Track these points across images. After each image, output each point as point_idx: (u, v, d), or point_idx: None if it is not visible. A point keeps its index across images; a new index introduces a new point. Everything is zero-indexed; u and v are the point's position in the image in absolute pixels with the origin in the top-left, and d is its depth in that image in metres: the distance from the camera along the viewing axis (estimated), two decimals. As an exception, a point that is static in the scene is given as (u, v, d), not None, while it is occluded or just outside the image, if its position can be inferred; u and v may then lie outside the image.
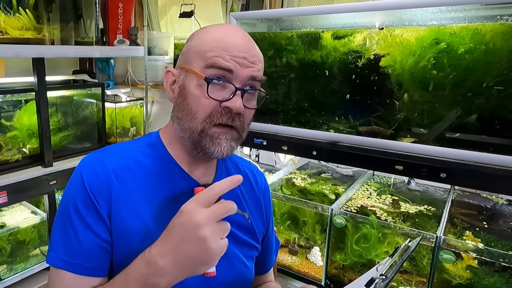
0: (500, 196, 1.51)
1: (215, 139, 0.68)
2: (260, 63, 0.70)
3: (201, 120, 0.67)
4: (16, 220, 1.78)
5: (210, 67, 0.66)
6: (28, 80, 1.72)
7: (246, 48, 0.68)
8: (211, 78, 0.66)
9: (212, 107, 0.67)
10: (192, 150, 0.71)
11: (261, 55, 0.72)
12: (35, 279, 1.78)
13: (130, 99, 2.38)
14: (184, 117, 0.69)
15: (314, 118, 1.35)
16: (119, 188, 0.69)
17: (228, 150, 0.69)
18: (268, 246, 0.93)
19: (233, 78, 0.66)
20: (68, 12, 1.75)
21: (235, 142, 0.71)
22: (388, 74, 1.15)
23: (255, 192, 0.88)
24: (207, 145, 0.68)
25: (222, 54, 0.66)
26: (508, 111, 1.00)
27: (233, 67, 0.66)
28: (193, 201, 0.57)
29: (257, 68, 0.69)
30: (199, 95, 0.67)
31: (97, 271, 0.67)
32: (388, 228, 1.28)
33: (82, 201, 0.67)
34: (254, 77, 0.68)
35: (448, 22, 1.09)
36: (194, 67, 0.68)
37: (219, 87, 0.67)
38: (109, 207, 0.68)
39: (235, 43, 0.67)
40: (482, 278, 1.12)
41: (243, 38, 0.70)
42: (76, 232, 0.66)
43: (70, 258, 0.66)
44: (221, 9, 2.50)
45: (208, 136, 0.67)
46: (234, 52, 0.66)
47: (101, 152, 0.74)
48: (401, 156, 1.13)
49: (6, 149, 1.66)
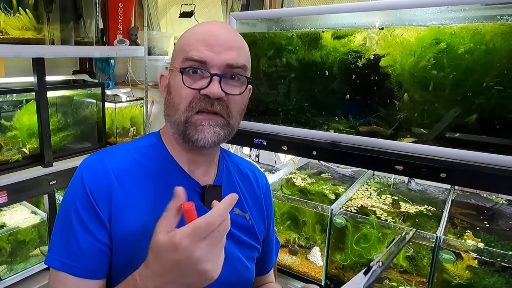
0: (500, 196, 1.50)
1: (198, 126, 0.68)
2: (239, 50, 0.70)
3: (183, 110, 0.68)
4: (16, 220, 1.78)
5: (186, 60, 0.68)
6: (28, 80, 1.72)
7: (221, 38, 0.68)
8: (185, 67, 0.67)
9: (192, 96, 0.68)
10: (183, 143, 0.72)
11: (241, 43, 0.72)
12: (35, 279, 1.78)
13: (130, 99, 2.38)
14: (171, 112, 0.71)
15: (314, 118, 1.35)
16: (120, 190, 0.69)
17: (213, 136, 0.68)
18: (268, 247, 0.93)
19: (210, 66, 0.67)
20: (68, 12, 1.75)
21: (220, 128, 0.69)
22: (388, 74, 1.15)
23: (256, 193, 0.88)
24: (191, 133, 0.68)
25: (197, 46, 0.67)
26: (508, 111, 1.00)
27: (206, 57, 0.66)
28: (189, 237, 0.51)
29: (234, 56, 0.68)
30: (179, 86, 0.68)
31: (95, 274, 0.67)
32: (388, 228, 1.28)
33: (82, 203, 0.67)
34: (231, 64, 0.68)
35: (448, 22, 1.09)
36: (176, 64, 0.71)
37: (197, 77, 0.68)
38: (109, 210, 0.68)
39: (210, 34, 0.68)
40: (482, 278, 1.12)
41: (220, 28, 0.70)
42: (76, 234, 0.66)
43: (68, 260, 0.66)
44: (221, 9, 2.50)
45: (192, 124, 0.68)
46: (209, 41, 0.67)
47: (102, 154, 0.74)
48: (401, 156, 1.13)
49: (6, 149, 1.66)
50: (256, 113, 1.47)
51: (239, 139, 1.49)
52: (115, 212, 0.68)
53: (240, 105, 0.72)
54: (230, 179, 0.83)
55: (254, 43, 1.43)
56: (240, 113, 0.73)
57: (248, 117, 1.47)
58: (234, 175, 0.85)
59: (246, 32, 1.48)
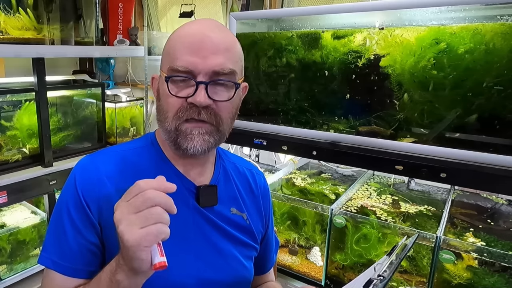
0: (500, 196, 1.50)
1: (188, 135, 0.67)
2: (227, 53, 0.67)
3: (171, 118, 0.68)
4: (16, 220, 1.78)
5: (171, 70, 0.66)
6: (28, 80, 1.72)
7: (208, 41, 0.66)
8: (170, 76, 0.66)
9: (179, 104, 0.67)
10: (175, 150, 0.71)
11: (230, 46, 0.68)
12: (35, 279, 1.78)
13: (130, 99, 2.38)
14: (161, 119, 0.70)
15: (314, 118, 1.35)
16: (113, 192, 0.69)
17: (202, 144, 0.68)
18: (268, 246, 0.93)
19: (196, 74, 0.66)
20: (68, 12, 1.75)
21: (209, 136, 0.68)
22: (388, 74, 1.15)
23: (253, 192, 0.88)
24: (181, 142, 0.68)
25: (182, 53, 0.66)
26: (508, 111, 1.00)
27: (191, 65, 0.65)
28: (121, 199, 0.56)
29: (220, 61, 0.66)
30: (167, 94, 0.67)
31: (83, 273, 0.68)
32: (388, 228, 1.28)
33: (74, 204, 0.68)
34: (217, 71, 0.66)
35: (448, 22, 1.09)
36: (163, 69, 0.70)
37: (183, 85, 0.67)
38: (100, 213, 0.68)
39: (197, 37, 0.66)
40: (482, 278, 1.12)
41: (210, 31, 0.67)
42: (66, 234, 0.68)
43: (59, 259, 0.67)
44: (221, 9, 2.50)
45: (182, 132, 0.68)
46: (195, 46, 0.65)
47: (97, 155, 0.75)
48: (401, 156, 1.13)
49: (6, 149, 1.66)
50: (256, 113, 1.47)
51: (239, 139, 1.49)
52: (108, 213, 0.68)
53: (231, 109, 0.71)
54: (227, 179, 0.83)
55: (254, 43, 1.43)
56: (231, 117, 0.72)
57: (248, 117, 1.47)
58: (231, 174, 0.85)
59: (246, 32, 1.48)
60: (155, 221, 0.52)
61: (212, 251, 0.75)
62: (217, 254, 0.76)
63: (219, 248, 0.76)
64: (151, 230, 0.52)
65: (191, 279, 0.72)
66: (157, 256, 0.53)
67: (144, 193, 0.53)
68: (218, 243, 0.76)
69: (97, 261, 0.70)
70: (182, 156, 0.74)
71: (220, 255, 0.76)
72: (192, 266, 0.72)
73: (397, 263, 0.73)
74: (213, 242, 0.75)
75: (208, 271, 0.74)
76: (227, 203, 0.80)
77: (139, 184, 0.55)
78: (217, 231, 0.76)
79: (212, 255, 0.75)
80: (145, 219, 0.52)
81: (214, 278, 0.75)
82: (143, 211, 0.53)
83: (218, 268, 0.75)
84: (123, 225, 0.53)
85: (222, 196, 0.78)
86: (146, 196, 0.53)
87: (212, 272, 0.74)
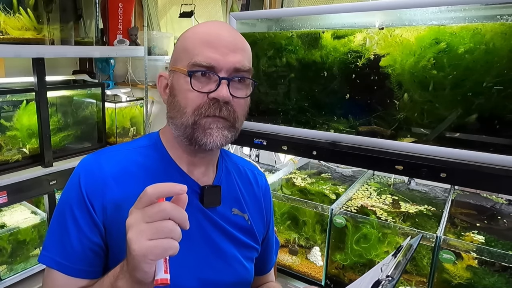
0: (500, 196, 1.50)
1: (207, 129, 0.68)
2: (243, 53, 0.70)
3: (190, 114, 0.68)
4: (16, 220, 1.78)
5: (194, 65, 0.67)
6: (28, 80, 1.72)
7: (225, 39, 0.68)
8: (194, 70, 0.67)
9: (200, 100, 0.67)
10: (188, 145, 0.71)
11: (245, 46, 0.72)
12: (35, 279, 1.78)
13: (130, 99, 2.38)
14: (176, 115, 0.70)
15: (314, 118, 1.35)
16: (118, 191, 0.69)
17: (221, 139, 0.69)
18: (268, 247, 0.93)
19: (218, 70, 0.67)
20: (68, 12, 1.75)
21: (227, 131, 0.70)
22: (388, 74, 1.15)
23: (255, 193, 0.88)
24: (200, 137, 0.68)
25: (202, 49, 0.67)
26: (508, 111, 1.00)
27: (214, 62, 0.66)
28: (134, 205, 0.53)
29: (240, 58, 0.68)
30: (186, 90, 0.68)
31: (85, 273, 0.68)
32: (388, 228, 1.28)
33: (78, 204, 0.68)
34: (238, 68, 0.68)
35: (448, 22, 1.09)
36: (179, 66, 0.70)
37: (204, 80, 0.67)
38: (104, 213, 0.68)
39: (216, 37, 0.68)
40: (482, 278, 1.12)
41: (225, 30, 0.70)
42: (69, 234, 0.67)
43: (61, 259, 0.67)
44: (221, 9, 2.50)
45: (200, 127, 0.68)
46: (213, 43, 0.67)
47: (100, 154, 0.74)
48: (401, 156, 1.13)
49: (6, 149, 1.66)
50: (256, 113, 1.47)
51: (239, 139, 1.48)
52: (112, 214, 0.68)
53: (245, 107, 0.73)
54: (229, 179, 0.83)
55: (254, 43, 1.43)
56: (244, 115, 0.74)
57: (248, 117, 1.46)
58: (234, 175, 0.85)
59: (246, 32, 1.48)
60: (166, 236, 0.50)
61: (213, 251, 0.75)
62: (219, 255, 0.75)
63: (220, 249, 0.76)
64: (160, 244, 0.50)
65: (191, 279, 0.72)
66: (161, 271, 0.51)
67: (160, 204, 0.51)
68: (220, 244, 0.76)
69: (100, 262, 0.69)
70: (188, 154, 0.74)
71: (221, 256, 0.76)
72: (193, 266, 0.72)
73: (404, 263, 0.73)
74: (215, 243, 0.75)
75: (209, 272, 0.73)
76: (229, 203, 0.80)
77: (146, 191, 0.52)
78: (219, 232, 0.76)
79: (214, 256, 0.75)
80: (156, 231, 0.50)
81: (215, 279, 0.75)
82: (155, 223, 0.50)
83: (219, 269, 0.75)
84: (132, 233, 0.51)
85: (224, 196, 0.78)
86: (162, 207, 0.51)
87: (213, 273, 0.74)
